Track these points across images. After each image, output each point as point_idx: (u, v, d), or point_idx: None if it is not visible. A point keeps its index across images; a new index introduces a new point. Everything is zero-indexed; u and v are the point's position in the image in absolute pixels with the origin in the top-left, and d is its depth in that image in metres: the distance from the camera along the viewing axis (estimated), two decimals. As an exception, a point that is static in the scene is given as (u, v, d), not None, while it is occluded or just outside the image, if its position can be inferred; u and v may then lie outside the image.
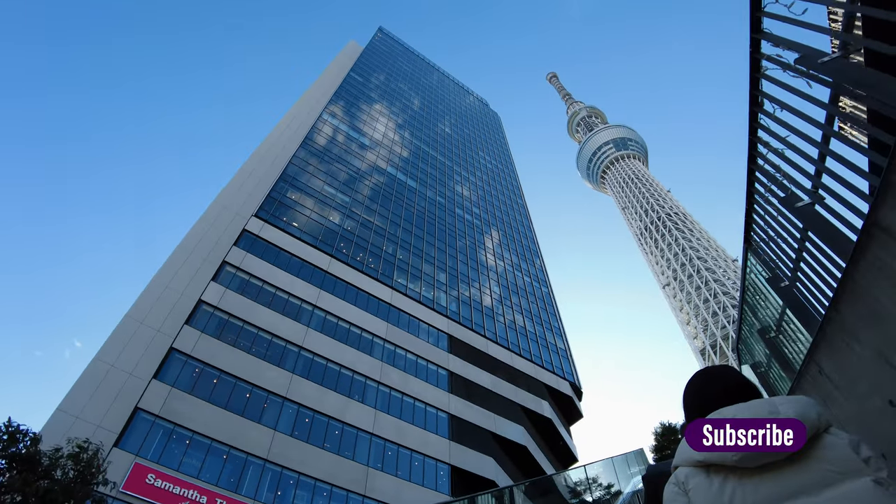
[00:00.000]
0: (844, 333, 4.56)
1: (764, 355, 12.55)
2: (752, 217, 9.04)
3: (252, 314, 32.60)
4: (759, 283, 10.32)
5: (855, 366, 4.48)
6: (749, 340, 14.15)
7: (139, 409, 25.51)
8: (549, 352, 51.25)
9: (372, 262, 43.50)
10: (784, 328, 9.34)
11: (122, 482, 22.65)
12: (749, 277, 11.03)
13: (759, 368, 13.82)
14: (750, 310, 12.01)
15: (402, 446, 32.58)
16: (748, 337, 14.15)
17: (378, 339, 37.84)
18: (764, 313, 10.80)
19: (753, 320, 12.20)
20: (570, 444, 45.85)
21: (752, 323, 12.51)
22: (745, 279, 11.09)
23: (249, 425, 27.84)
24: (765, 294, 10.23)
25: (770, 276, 8.99)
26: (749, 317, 12.59)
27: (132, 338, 28.23)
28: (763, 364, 13.18)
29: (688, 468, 1.76)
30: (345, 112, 63.01)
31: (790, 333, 9.09)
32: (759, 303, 11.03)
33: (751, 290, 11.29)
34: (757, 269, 10.15)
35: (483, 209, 69.71)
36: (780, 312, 9.22)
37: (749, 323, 13.02)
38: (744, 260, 10.36)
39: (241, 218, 37.91)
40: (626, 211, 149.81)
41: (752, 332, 13.05)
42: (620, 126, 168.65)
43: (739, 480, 1.63)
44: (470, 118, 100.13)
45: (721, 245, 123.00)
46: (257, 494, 25.81)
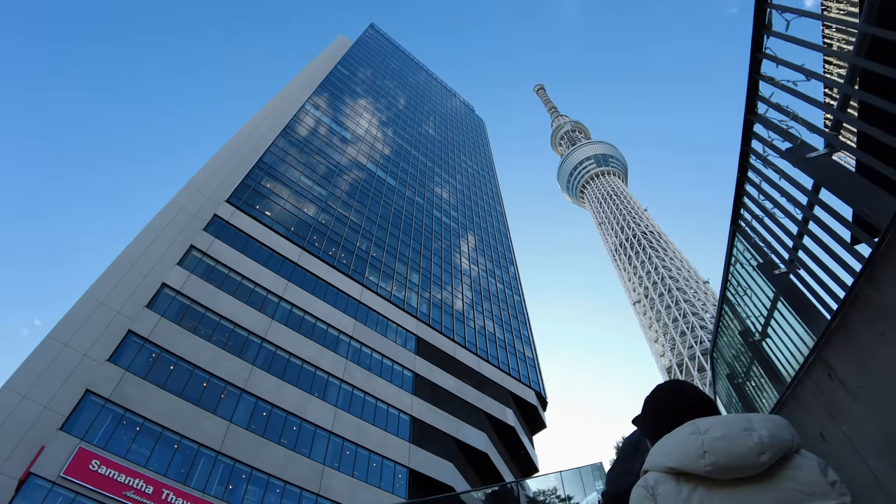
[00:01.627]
0: (880, 318, 3.67)
1: (743, 363, 12.30)
2: (744, 188, 8.84)
3: (216, 301, 31.70)
4: (746, 273, 10.00)
5: (890, 366, 3.50)
6: (725, 349, 13.87)
7: (89, 391, 24.47)
8: (516, 360, 51.07)
9: (344, 257, 42.81)
10: (774, 328, 9.09)
11: (64, 467, 21.68)
12: (733, 269, 10.54)
13: (735, 380, 13.51)
14: (730, 308, 11.68)
15: (361, 446, 31.94)
16: (725, 346, 13.87)
17: (344, 336, 37.15)
18: (748, 311, 10.51)
19: (733, 322, 11.93)
20: (531, 454, 45.63)
21: (732, 326, 12.24)
22: (729, 269, 10.58)
23: (204, 415, 26.96)
24: (751, 286, 9.86)
25: (762, 261, 8.74)
26: (728, 318, 12.28)
27: (90, 318, 27.23)
28: (741, 374, 12.93)
29: (658, 473, 1.78)
30: (328, 104, 62.21)
31: (781, 333, 8.85)
32: (742, 299, 10.76)
33: (734, 282, 10.84)
34: (744, 256, 9.81)
35: (461, 213, 69.42)
36: (769, 307, 8.95)
37: (727, 326, 12.74)
38: (729, 244, 9.95)
39: (214, 203, 36.93)
40: (603, 226, 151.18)
41: (731, 336, 12.81)
42: (602, 143, 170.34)
43: (708, 491, 1.65)
44: (454, 121, 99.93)
45: (693, 266, 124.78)
46: (207, 487, 24.95)
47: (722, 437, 1.70)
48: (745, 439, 1.68)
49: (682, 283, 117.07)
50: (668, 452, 1.78)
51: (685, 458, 1.72)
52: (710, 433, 1.74)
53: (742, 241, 9.40)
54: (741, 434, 1.70)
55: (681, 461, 1.72)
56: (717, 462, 1.65)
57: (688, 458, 1.71)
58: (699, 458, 1.68)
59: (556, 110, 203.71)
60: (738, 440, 1.68)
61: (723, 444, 1.68)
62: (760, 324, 9.46)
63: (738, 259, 10.01)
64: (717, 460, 1.66)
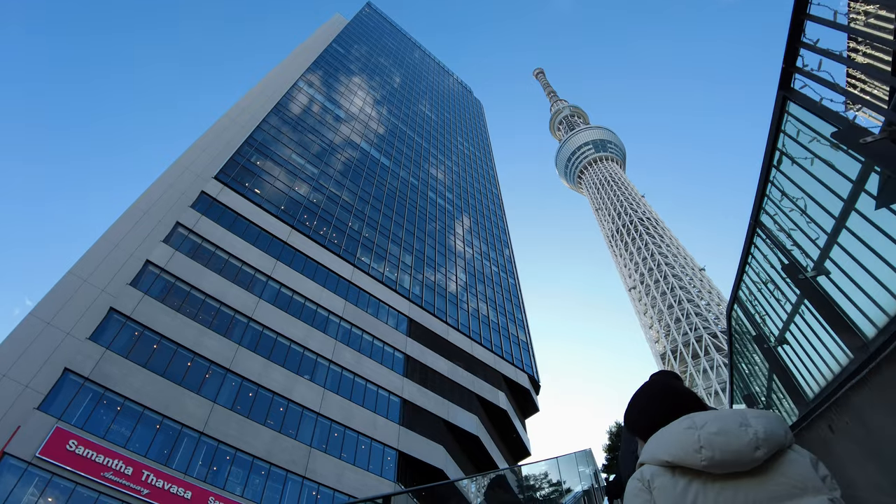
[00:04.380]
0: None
1: (761, 374, 11.36)
2: (769, 179, 7.81)
3: (201, 280, 30.90)
4: (766, 272, 8.86)
5: None
6: (740, 357, 12.84)
7: (67, 370, 23.75)
8: (510, 343, 50.57)
9: (335, 237, 41.97)
10: (794, 333, 8.15)
11: (39, 447, 21.03)
12: (750, 268, 9.27)
13: (752, 391, 12.58)
14: (743, 310, 10.73)
15: (349, 428, 31.37)
16: (738, 353, 12.83)
17: (334, 317, 36.44)
18: (765, 314, 9.55)
19: (746, 326, 10.95)
20: (523, 438, 45.29)
21: (745, 331, 11.23)
22: (744, 269, 9.40)
23: (187, 395, 26.29)
24: (770, 289, 8.68)
25: (787, 262, 7.78)
26: (741, 323, 11.28)
27: (74, 296, 26.44)
28: (760, 391, 12.01)
29: (654, 467, 1.79)
30: (322, 82, 60.88)
31: (805, 343, 7.92)
32: (759, 302, 9.75)
33: (749, 283, 9.73)
34: (769, 256, 8.54)
35: (456, 195, 68.50)
36: (790, 312, 8.01)
37: (741, 332, 11.74)
38: (748, 241, 8.68)
39: (202, 180, 35.97)
40: (600, 212, 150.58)
41: (743, 345, 11.84)
42: (601, 128, 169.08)
43: (703, 485, 1.66)
44: (452, 103, 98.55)
45: (689, 253, 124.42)
46: (189, 469, 24.33)
47: (718, 433, 1.69)
48: (740, 434, 1.68)
49: (678, 270, 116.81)
50: (664, 446, 1.78)
51: (682, 452, 1.71)
52: (706, 428, 1.73)
53: (763, 237, 8.46)
54: (737, 429, 1.70)
55: (677, 455, 1.72)
56: (713, 457, 1.65)
57: (684, 452, 1.71)
58: (695, 453, 1.68)
59: (555, 95, 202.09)
60: (733, 435, 1.68)
61: (719, 439, 1.67)
62: (778, 329, 8.60)
63: (757, 258, 9.09)
64: (713, 455, 1.66)
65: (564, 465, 13.75)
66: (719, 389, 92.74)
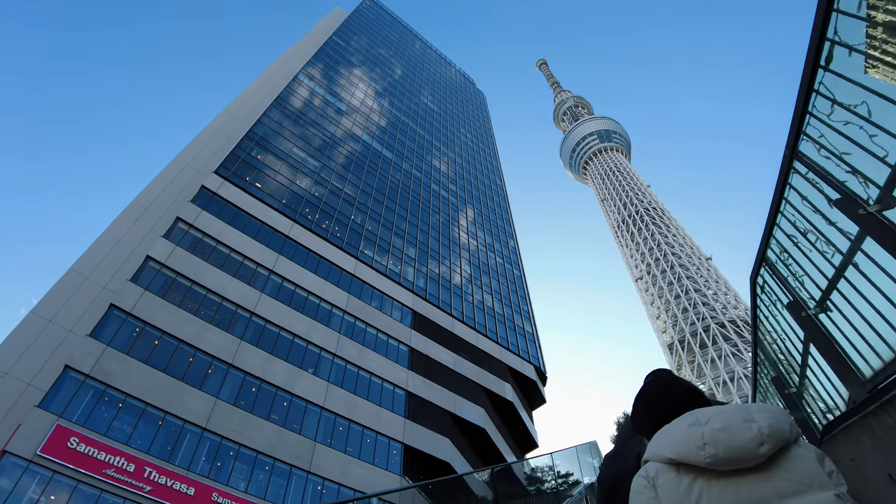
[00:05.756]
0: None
1: None
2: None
3: (202, 275, 30.60)
4: (807, 218, 7.05)
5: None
6: None
7: (67, 367, 23.54)
8: (515, 334, 50.15)
9: (338, 230, 41.59)
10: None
11: (40, 445, 20.85)
12: (783, 216, 7.51)
13: None
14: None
15: (354, 422, 31.08)
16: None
17: (337, 310, 36.11)
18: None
19: (766, 369, 9.52)
20: (530, 430, 44.95)
21: (765, 373, 9.88)
22: (776, 217, 7.83)
23: (189, 391, 26.04)
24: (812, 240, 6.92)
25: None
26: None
27: (75, 293, 26.15)
28: None
29: (658, 464, 1.77)
30: (322, 75, 60.35)
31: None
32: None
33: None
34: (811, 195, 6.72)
35: (459, 186, 67.95)
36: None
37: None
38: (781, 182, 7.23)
39: (203, 175, 35.64)
40: (605, 203, 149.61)
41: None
42: (606, 118, 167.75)
43: (708, 482, 1.65)
44: (454, 94, 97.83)
45: (696, 243, 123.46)
46: (192, 465, 24.11)
47: (722, 429, 1.67)
48: (744, 431, 1.65)
49: (684, 260, 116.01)
50: (668, 443, 1.75)
51: (685, 449, 1.69)
52: (710, 424, 1.70)
53: (802, 174, 6.98)
54: (741, 425, 1.67)
55: (681, 452, 1.70)
56: (716, 454, 1.63)
57: (688, 449, 1.68)
58: (699, 450, 1.66)
59: (558, 85, 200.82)
60: (737, 432, 1.65)
61: (723, 435, 1.65)
62: (821, 290, 7.14)
63: (793, 202, 7.54)
64: (717, 452, 1.63)
65: (571, 458, 13.49)
66: (727, 379, 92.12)
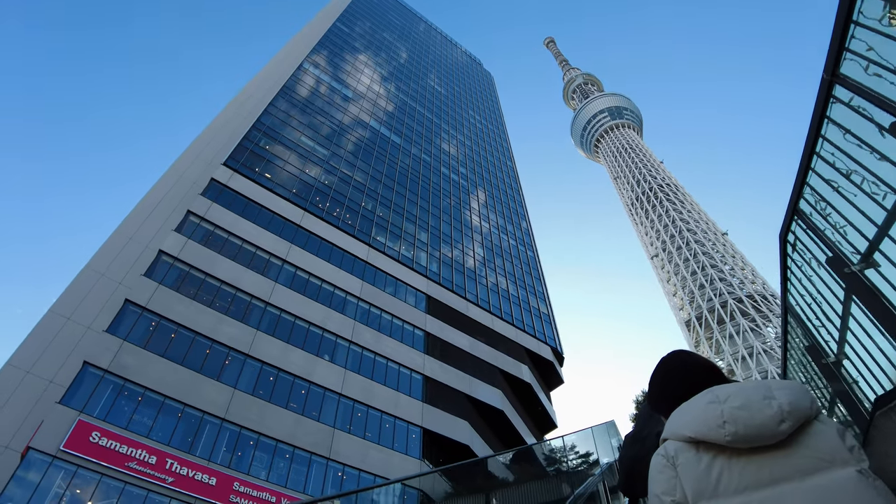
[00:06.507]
0: None
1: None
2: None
3: (215, 267, 30.69)
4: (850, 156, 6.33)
5: None
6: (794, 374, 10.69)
7: (86, 363, 23.80)
8: (531, 315, 49.92)
9: (349, 217, 41.47)
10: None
11: (63, 441, 21.12)
12: (820, 159, 6.59)
13: None
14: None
15: (372, 407, 31.18)
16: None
17: (351, 298, 36.11)
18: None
19: (798, 338, 8.81)
20: (549, 410, 44.90)
21: (797, 344, 9.14)
22: (810, 161, 6.88)
23: (207, 383, 26.22)
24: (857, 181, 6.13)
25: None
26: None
27: (91, 290, 26.44)
28: None
29: (678, 443, 1.74)
30: (328, 62, 59.91)
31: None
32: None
33: (817, 187, 6.90)
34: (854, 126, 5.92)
35: (470, 169, 67.43)
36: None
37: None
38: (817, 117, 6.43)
39: (212, 168, 35.62)
40: (619, 180, 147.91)
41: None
42: (616, 94, 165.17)
43: (728, 460, 1.62)
44: (461, 76, 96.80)
45: (711, 218, 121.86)
46: (213, 455, 24.34)
47: (741, 407, 1.64)
48: (764, 408, 1.62)
49: (700, 236, 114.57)
50: (687, 422, 1.73)
51: (705, 427, 1.66)
52: (729, 402, 1.68)
53: (845, 102, 6.19)
54: (761, 402, 1.64)
55: (700, 431, 1.67)
56: (736, 432, 1.60)
57: (707, 427, 1.65)
58: (719, 429, 1.63)
59: (567, 63, 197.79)
60: (757, 409, 1.62)
61: (742, 413, 1.62)
62: (867, 241, 6.32)
63: (832, 139, 6.74)
64: (737, 430, 1.60)
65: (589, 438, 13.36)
66: (746, 355, 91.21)
